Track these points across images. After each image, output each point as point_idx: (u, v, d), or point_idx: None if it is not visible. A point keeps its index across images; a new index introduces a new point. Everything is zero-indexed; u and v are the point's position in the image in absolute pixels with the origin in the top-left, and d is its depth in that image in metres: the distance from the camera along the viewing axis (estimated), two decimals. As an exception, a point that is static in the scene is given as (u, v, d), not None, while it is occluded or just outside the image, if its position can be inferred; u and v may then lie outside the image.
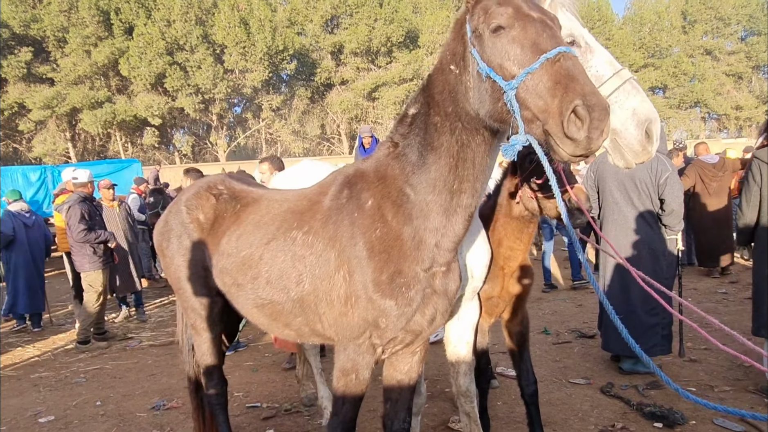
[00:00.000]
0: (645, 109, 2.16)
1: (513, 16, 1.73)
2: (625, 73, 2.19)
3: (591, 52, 2.25)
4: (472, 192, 2.09)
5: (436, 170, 2.07)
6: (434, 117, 2.05)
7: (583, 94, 1.54)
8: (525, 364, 3.55)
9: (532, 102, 1.64)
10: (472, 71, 1.84)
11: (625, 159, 2.21)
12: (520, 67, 1.68)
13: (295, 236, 2.41)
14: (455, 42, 1.96)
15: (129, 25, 31.26)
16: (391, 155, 2.22)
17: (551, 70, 1.61)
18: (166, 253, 3.00)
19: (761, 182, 4.17)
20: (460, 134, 1.99)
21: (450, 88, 1.97)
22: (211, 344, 3.07)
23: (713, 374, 4.85)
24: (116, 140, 34.88)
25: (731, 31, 47.28)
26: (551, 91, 1.59)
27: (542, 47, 1.66)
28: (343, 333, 2.30)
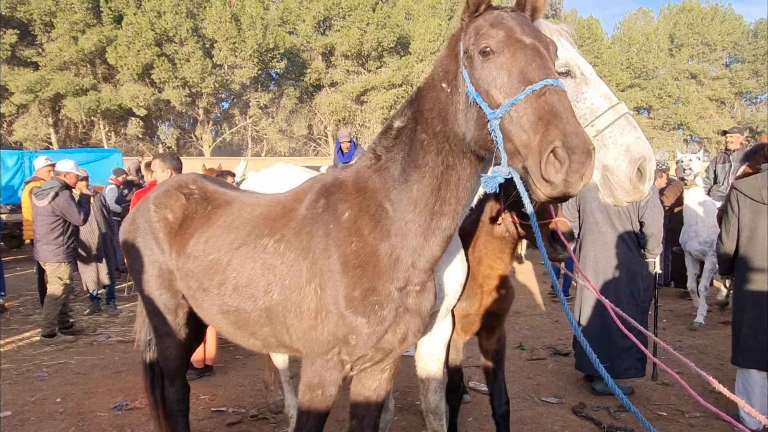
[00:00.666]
0: (639, 147, 2.07)
1: (504, 40, 1.66)
2: (621, 107, 2.12)
3: (586, 84, 2.17)
4: (452, 215, 2.03)
5: (418, 189, 2.00)
6: (421, 134, 1.98)
7: (564, 134, 1.45)
8: (499, 383, 3.50)
9: (515, 135, 1.57)
10: (462, 92, 1.77)
11: (615, 197, 2.13)
12: (506, 96, 1.61)
13: (267, 243, 2.32)
14: (448, 59, 1.88)
15: (118, 13, 30.85)
16: (373, 167, 2.15)
17: (536, 104, 1.53)
18: (131, 252, 2.89)
19: (739, 213, 4.18)
20: (447, 155, 1.92)
21: (440, 106, 1.90)
22: (175, 349, 2.95)
23: (685, 399, 4.84)
24: (99, 129, 34.32)
25: (716, 56, 48.29)
26: (534, 126, 1.52)
27: (529, 77, 1.58)
28: (311, 347, 2.22)
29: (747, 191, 4.15)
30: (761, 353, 4.06)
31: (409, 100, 2.11)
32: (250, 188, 4.05)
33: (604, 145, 2.09)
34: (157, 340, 2.98)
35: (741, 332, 4.22)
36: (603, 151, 2.09)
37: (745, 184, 4.20)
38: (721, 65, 49.16)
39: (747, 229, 4.15)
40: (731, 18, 47.80)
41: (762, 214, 4.07)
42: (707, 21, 47.05)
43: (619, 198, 2.12)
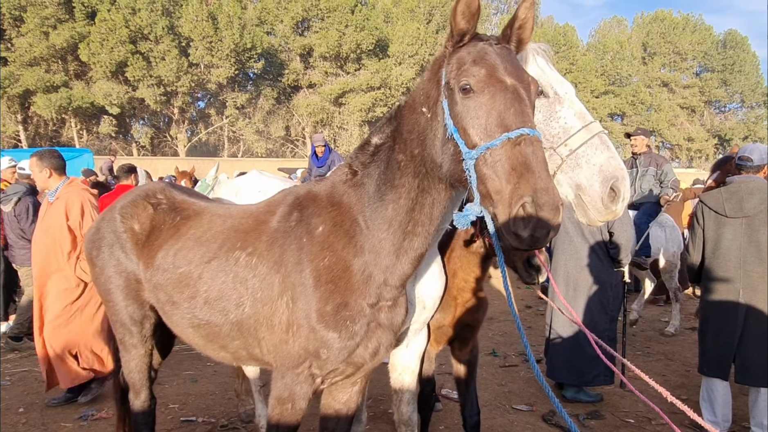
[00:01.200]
0: (612, 166, 2.06)
1: (485, 79, 1.65)
2: (595, 126, 2.11)
3: (560, 103, 2.17)
4: (425, 236, 2.04)
5: (393, 209, 2.00)
6: (399, 155, 1.98)
7: (534, 190, 1.48)
8: (471, 394, 3.52)
9: (488, 179, 1.58)
10: (441, 121, 1.76)
11: (588, 216, 2.12)
12: (482, 139, 1.61)
13: (238, 256, 2.29)
14: (430, 84, 1.86)
15: (91, 9, 30.31)
16: (349, 183, 2.14)
17: (510, 153, 1.55)
18: (96, 262, 2.82)
19: (704, 225, 4.28)
20: (423, 179, 1.93)
21: (419, 130, 1.89)
22: (140, 361, 2.89)
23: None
24: (71, 127, 33.63)
25: (687, 65, 49.53)
26: (507, 175, 1.54)
27: (506, 123, 1.59)
28: (282, 360, 2.21)
29: (711, 204, 4.24)
30: (723, 363, 4.17)
31: (388, 117, 2.11)
32: (224, 195, 4.01)
33: (577, 164, 2.09)
34: (123, 352, 2.91)
35: (705, 342, 4.32)
36: (576, 170, 2.09)
37: (710, 197, 4.29)
38: (691, 74, 50.46)
39: (711, 241, 4.25)
40: (701, 28, 49.12)
41: (725, 227, 4.16)
42: (679, 30, 48.25)
43: (593, 218, 2.12)
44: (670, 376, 5.76)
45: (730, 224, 4.15)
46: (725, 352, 4.15)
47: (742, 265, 4.09)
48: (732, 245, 4.13)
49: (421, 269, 2.69)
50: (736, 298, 4.09)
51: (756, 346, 4.03)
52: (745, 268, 4.07)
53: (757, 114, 51.24)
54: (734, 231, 4.13)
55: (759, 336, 4.03)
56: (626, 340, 5.49)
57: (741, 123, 51.00)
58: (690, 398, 5.14)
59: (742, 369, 4.09)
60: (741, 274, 4.09)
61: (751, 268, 4.06)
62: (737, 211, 4.11)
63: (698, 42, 48.09)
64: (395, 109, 2.08)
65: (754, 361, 4.03)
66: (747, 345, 4.06)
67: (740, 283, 4.09)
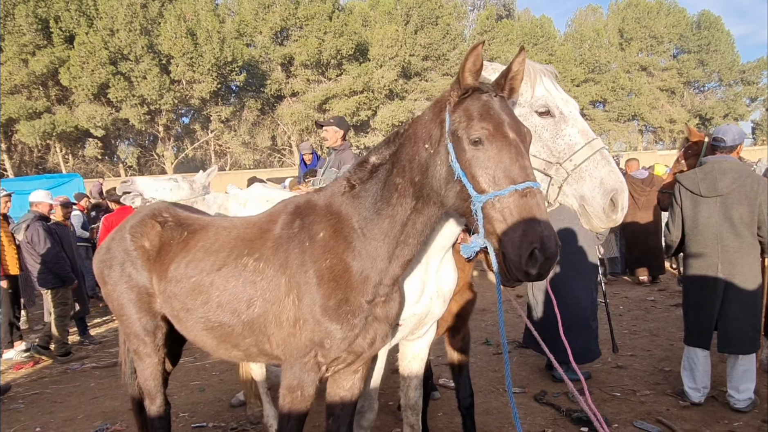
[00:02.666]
0: (612, 180, 2.33)
1: (492, 134, 1.91)
2: (597, 143, 2.38)
3: (565, 122, 2.42)
4: (415, 246, 2.33)
5: (389, 223, 2.27)
6: (397, 178, 2.24)
7: (541, 239, 1.78)
8: (464, 378, 3.77)
9: (495, 221, 1.87)
10: (444, 160, 2.03)
11: (591, 224, 2.40)
12: (491, 187, 1.89)
13: (246, 262, 2.55)
14: (432, 124, 2.11)
15: (69, 33, 30.26)
16: (347, 195, 2.40)
17: (518, 203, 1.83)
18: (107, 281, 3.05)
19: (681, 204, 4.51)
20: (419, 202, 2.20)
21: (421, 161, 2.15)
22: (155, 369, 3.12)
23: (636, 379, 5.22)
24: (56, 152, 33.56)
25: (664, 48, 50.08)
26: (515, 221, 1.83)
27: (513, 176, 1.87)
28: (290, 352, 2.47)
29: (687, 184, 4.45)
30: (705, 333, 4.43)
31: (386, 141, 2.37)
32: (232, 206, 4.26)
33: (581, 177, 2.37)
34: (138, 362, 3.14)
35: (688, 315, 4.58)
36: (580, 183, 2.37)
37: (686, 177, 4.50)
38: (668, 57, 51.03)
39: (689, 219, 4.47)
40: (675, 11, 49.70)
41: (701, 206, 4.38)
42: (653, 15, 48.78)
43: (596, 225, 2.40)
44: (655, 350, 6.05)
45: (705, 203, 4.35)
46: (707, 323, 4.39)
47: (719, 241, 4.30)
48: (708, 222, 4.34)
49: (441, 266, 2.95)
50: (714, 272, 4.32)
51: (735, 316, 4.27)
52: (722, 243, 4.29)
53: (735, 92, 51.95)
54: (710, 209, 4.34)
55: (738, 307, 4.27)
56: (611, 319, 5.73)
57: (720, 101, 51.66)
58: (673, 369, 5.43)
59: (724, 338, 4.33)
60: (718, 249, 4.30)
61: (728, 243, 4.27)
62: (711, 190, 4.30)
63: (673, 25, 48.68)
64: (394, 135, 2.35)
65: (735, 330, 4.28)
66: (727, 315, 4.30)
67: (718, 258, 4.30)
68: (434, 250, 2.82)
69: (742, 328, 4.28)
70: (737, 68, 50.76)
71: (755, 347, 4.35)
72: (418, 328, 3.10)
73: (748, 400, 4.35)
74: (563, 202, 2.45)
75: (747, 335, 4.28)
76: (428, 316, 2.99)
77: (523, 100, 2.48)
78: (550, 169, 2.41)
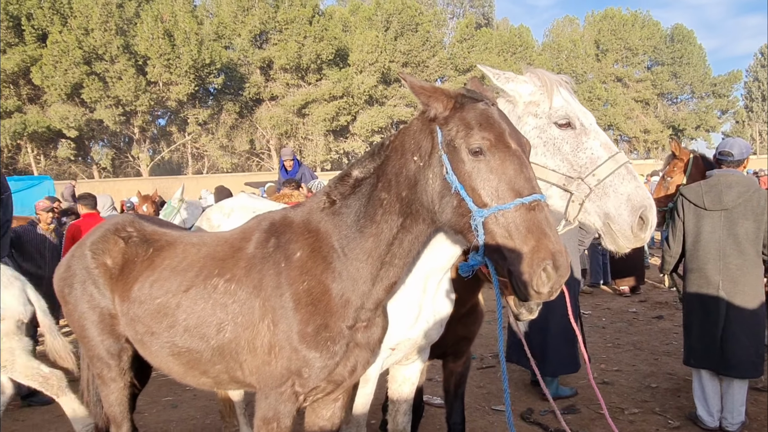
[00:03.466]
0: (640, 196, 2.18)
1: (494, 144, 1.78)
2: (621, 157, 2.22)
3: (586, 134, 2.27)
4: (401, 267, 2.14)
5: (373, 242, 2.08)
6: (382, 193, 2.05)
7: (553, 254, 1.66)
8: (458, 403, 3.60)
9: (499, 237, 1.73)
10: (438, 173, 1.86)
11: (617, 244, 2.23)
12: (493, 200, 1.75)
13: (217, 283, 2.34)
14: (422, 135, 1.95)
15: (42, 31, 29.60)
16: (327, 211, 2.20)
17: (526, 217, 1.71)
18: (68, 300, 2.80)
19: (684, 217, 4.35)
20: (407, 219, 2.02)
21: (408, 174, 1.98)
22: (120, 394, 2.88)
23: (624, 396, 5.11)
24: (27, 152, 32.69)
25: (639, 60, 51.15)
26: (523, 237, 1.70)
27: (517, 188, 1.74)
28: (265, 381, 2.26)
29: (691, 197, 4.30)
30: (711, 354, 4.19)
31: (371, 153, 2.18)
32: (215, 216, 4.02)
33: (605, 193, 2.20)
34: (102, 387, 2.90)
35: (692, 334, 4.35)
36: (604, 199, 2.20)
37: (690, 190, 4.35)
38: (643, 68, 52.13)
39: (692, 234, 4.30)
40: (650, 24, 50.85)
41: (704, 219, 4.23)
42: (629, 27, 49.82)
43: (621, 245, 2.23)
44: (640, 365, 5.97)
45: (709, 217, 4.19)
46: (711, 344, 4.17)
47: (721, 258, 4.13)
48: (711, 237, 4.17)
49: (440, 289, 2.78)
50: (716, 290, 4.14)
51: (736, 338, 4.08)
52: (725, 260, 4.12)
53: (707, 104, 53.25)
54: (713, 223, 4.17)
55: (740, 328, 4.08)
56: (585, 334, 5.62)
57: (693, 113, 52.89)
58: (659, 386, 5.35)
59: (724, 360, 4.12)
60: (721, 266, 4.13)
61: (730, 260, 4.10)
62: (716, 203, 4.15)
63: (647, 37, 49.74)
64: (379, 146, 2.15)
65: (736, 353, 4.07)
66: (728, 337, 4.10)
67: (719, 276, 4.12)
68: (432, 271, 2.65)
69: (744, 352, 4.08)
70: (709, 81, 52.08)
71: (758, 372, 4.18)
72: (413, 353, 2.93)
73: (740, 424, 4.25)
74: (584, 220, 2.29)
75: (749, 359, 4.09)
76: (424, 340, 2.82)
77: (541, 111, 2.33)
78: (570, 184, 2.25)
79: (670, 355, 6.27)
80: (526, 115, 2.37)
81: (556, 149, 2.28)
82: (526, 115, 2.37)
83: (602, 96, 47.51)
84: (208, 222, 4.02)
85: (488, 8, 55.57)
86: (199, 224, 4.14)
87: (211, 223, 3.99)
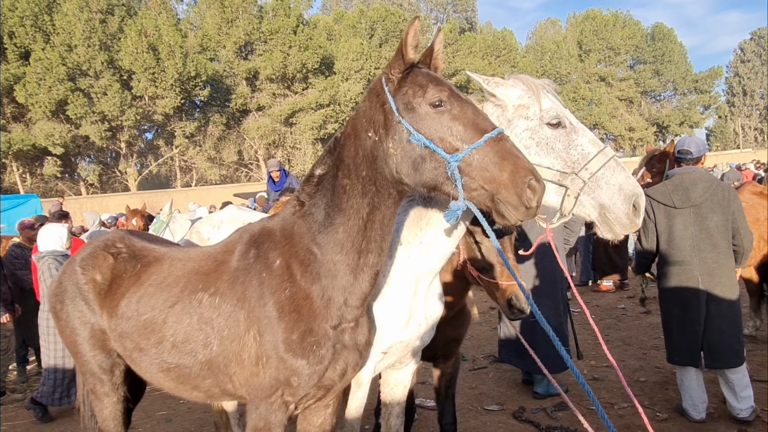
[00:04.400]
0: (630, 185, 2.32)
1: (451, 96, 1.91)
2: (609, 150, 2.36)
3: (575, 132, 2.40)
4: (378, 251, 2.17)
5: (344, 231, 2.12)
6: (343, 179, 2.11)
7: (531, 170, 1.81)
8: (449, 404, 3.66)
9: (478, 174, 1.84)
10: (399, 139, 1.94)
11: (614, 231, 2.36)
12: (464, 142, 1.86)
13: (201, 298, 2.37)
14: (373, 110, 2.02)
15: (25, 49, 29.39)
16: (297, 214, 2.25)
17: (496, 148, 1.84)
18: (60, 315, 2.84)
19: (655, 218, 4.43)
20: (373, 197, 2.07)
21: (366, 153, 2.04)
22: (114, 408, 2.91)
23: (613, 392, 5.19)
24: (13, 171, 32.40)
25: (621, 59, 51.71)
26: (500, 165, 1.82)
27: (482, 127, 1.87)
28: (254, 392, 2.29)
29: (659, 197, 4.38)
30: (693, 350, 4.25)
31: (327, 149, 2.24)
32: (204, 229, 4.05)
33: (598, 185, 2.33)
34: (95, 402, 2.93)
35: (672, 331, 4.42)
36: (598, 191, 2.33)
37: (656, 191, 4.43)
38: (626, 67, 52.70)
39: (665, 233, 4.38)
40: (631, 23, 51.46)
41: (676, 218, 4.31)
42: (610, 27, 50.39)
43: (617, 232, 2.36)
44: (629, 360, 6.06)
45: (679, 215, 4.29)
46: (692, 339, 4.23)
47: (696, 253, 4.22)
48: (684, 234, 4.26)
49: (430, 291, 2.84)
50: (696, 284, 4.20)
51: (719, 329, 4.15)
52: (700, 255, 4.21)
53: (690, 100, 53.92)
54: (684, 220, 4.27)
55: (721, 319, 4.15)
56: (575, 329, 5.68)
57: (676, 110, 53.53)
58: (648, 380, 5.44)
59: (710, 354, 4.18)
60: (697, 261, 4.21)
61: (705, 255, 4.20)
62: (685, 201, 4.25)
63: (629, 36, 50.33)
64: (333, 141, 2.22)
65: (720, 345, 4.14)
66: (711, 329, 4.16)
67: (698, 270, 4.20)
68: (423, 274, 2.71)
69: (727, 342, 4.17)
70: (690, 78, 52.74)
71: (741, 359, 4.24)
72: (406, 356, 2.98)
73: (750, 408, 4.28)
74: (578, 212, 2.40)
75: (732, 348, 4.17)
76: (416, 343, 2.87)
77: (531, 113, 2.44)
78: (565, 179, 2.36)
79: (658, 349, 6.36)
80: (516, 118, 2.46)
81: (549, 148, 2.38)
82: (516, 118, 2.46)
83: (587, 96, 47.98)
84: (198, 235, 4.05)
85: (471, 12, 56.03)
86: (189, 237, 4.17)
87: (201, 235, 4.02)
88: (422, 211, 2.66)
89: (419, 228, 2.67)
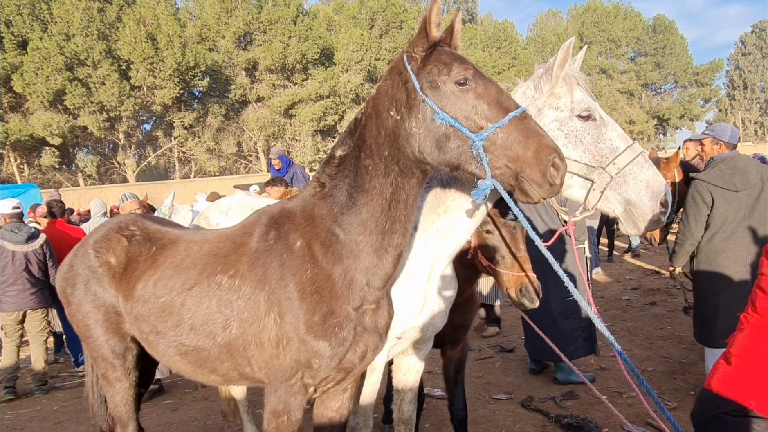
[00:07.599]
0: (658, 182, 2.32)
1: (476, 74, 1.91)
2: (637, 146, 2.35)
3: (605, 126, 2.39)
4: (403, 231, 2.14)
5: (367, 211, 2.09)
6: (366, 160, 2.08)
7: (554, 149, 1.82)
8: (459, 390, 3.64)
9: (503, 152, 1.84)
10: (423, 118, 1.92)
11: (638, 227, 2.35)
12: (488, 121, 1.85)
13: (221, 280, 2.34)
14: (395, 89, 2.00)
15: (22, 38, 29.13)
16: (318, 195, 2.22)
17: (520, 126, 1.84)
18: (71, 300, 2.79)
19: (713, 203, 4.32)
20: (396, 177, 2.05)
21: (388, 132, 2.01)
22: (126, 394, 2.87)
23: (621, 381, 5.18)
24: (10, 161, 32.25)
25: (622, 52, 51.53)
26: (524, 143, 1.82)
27: (505, 105, 1.87)
28: (274, 375, 2.27)
29: (718, 182, 4.29)
30: None
31: (348, 130, 2.21)
32: (213, 216, 4.01)
33: (625, 181, 2.32)
34: (107, 387, 2.89)
35: (718, 313, 4.35)
36: (624, 186, 2.32)
37: (712, 176, 4.33)
38: (626, 60, 52.55)
39: (720, 217, 4.30)
40: (632, 15, 51.26)
41: (732, 202, 4.25)
42: (611, 19, 50.19)
43: (642, 227, 2.35)
44: (635, 350, 6.05)
45: (737, 198, 4.24)
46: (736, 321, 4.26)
47: (748, 234, 4.20)
48: (736, 217, 4.25)
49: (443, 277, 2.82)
50: (745, 266, 4.20)
51: None
52: (752, 237, 4.18)
53: (690, 93, 53.84)
54: (739, 204, 4.24)
55: None
56: None
57: (677, 103, 53.44)
58: (655, 369, 5.43)
59: None
60: (747, 243, 4.19)
61: (756, 236, 4.17)
62: (745, 183, 4.23)
63: (630, 29, 50.16)
64: (354, 121, 2.18)
65: None
66: None
67: (747, 252, 4.19)
68: (438, 260, 2.68)
69: None
70: (691, 70, 52.63)
71: None
72: (419, 342, 2.95)
73: None
74: (602, 207, 2.39)
75: None
76: (429, 328, 2.84)
77: (562, 104, 2.41)
78: (592, 173, 2.35)
79: (664, 339, 6.36)
80: (546, 107, 2.44)
81: (578, 140, 2.37)
82: (546, 107, 2.44)
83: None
84: (206, 221, 4.02)
85: (472, 4, 55.75)
86: (197, 223, 4.13)
87: (210, 221, 3.98)
88: (440, 197, 2.64)
89: (437, 215, 2.64)
